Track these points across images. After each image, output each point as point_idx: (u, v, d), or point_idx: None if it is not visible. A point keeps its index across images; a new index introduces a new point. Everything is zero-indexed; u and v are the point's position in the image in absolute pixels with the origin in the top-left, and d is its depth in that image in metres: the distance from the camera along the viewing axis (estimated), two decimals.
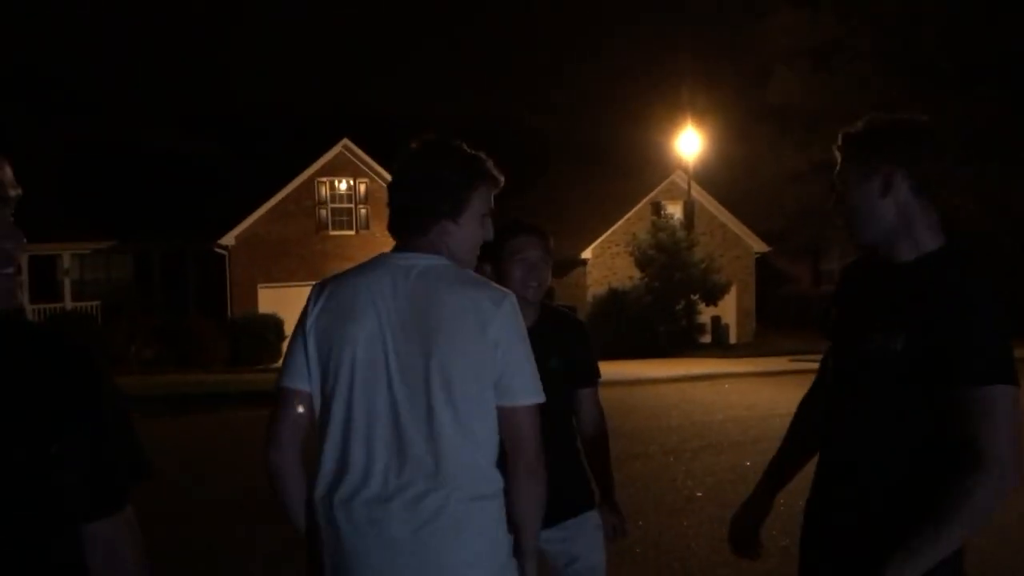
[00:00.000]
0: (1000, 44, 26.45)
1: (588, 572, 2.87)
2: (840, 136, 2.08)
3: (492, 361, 1.91)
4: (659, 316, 23.95)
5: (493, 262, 2.76)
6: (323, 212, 24.23)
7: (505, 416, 1.93)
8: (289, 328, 12.95)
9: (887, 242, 1.99)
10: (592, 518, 2.90)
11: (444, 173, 1.99)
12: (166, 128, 28.46)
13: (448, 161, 2.01)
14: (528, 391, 1.95)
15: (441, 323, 1.91)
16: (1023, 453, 1.77)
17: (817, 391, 2.28)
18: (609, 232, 26.62)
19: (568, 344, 2.88)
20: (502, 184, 2.10)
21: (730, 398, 12.71)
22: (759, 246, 29.16)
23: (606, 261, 26.43)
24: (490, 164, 2.06)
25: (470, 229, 2.03)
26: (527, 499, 1.97)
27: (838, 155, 2.08)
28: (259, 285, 23.39)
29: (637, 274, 24.76)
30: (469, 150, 2.06)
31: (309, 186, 24.08)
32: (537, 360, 2.61)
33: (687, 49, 31.01)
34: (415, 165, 2.04)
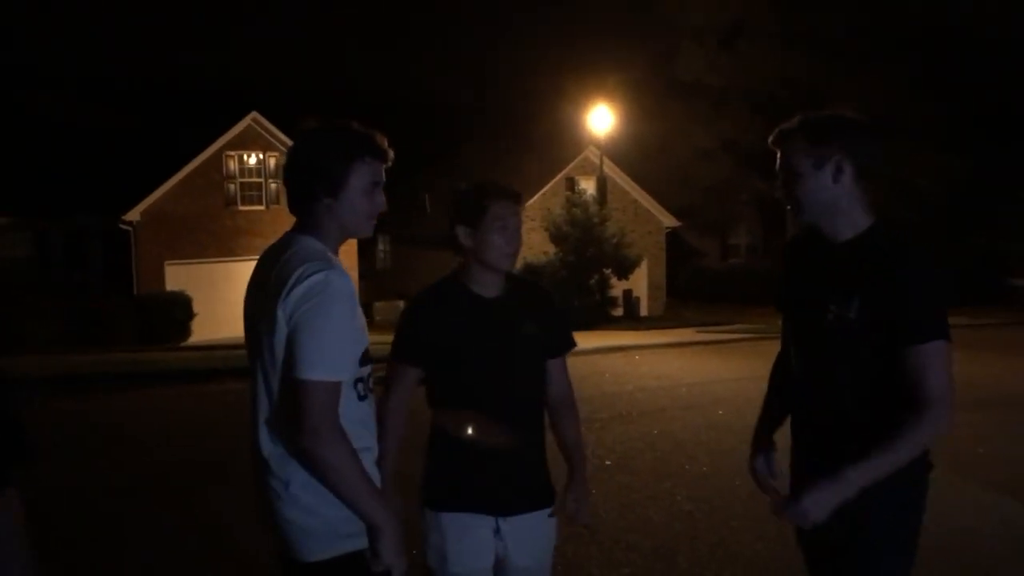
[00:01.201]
0: (903, 23, 27.35)
1: (535, 572, 2.77)
2: (779, 131, 2.32)
3: (284, 334, 2.06)
4: (573, 290, 24.26)
5: (472, 229, 2.63)
6: (232, 187, 23.72)
7: (290, 388, 2.05)
8: (198, 306, 12.83)
9: (831, 221, 2.28)
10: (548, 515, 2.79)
11: (319, 155, 2.18)
12: (67, 99, 27.37)
13: (323, 143, 2.20)
14: (306, 365, 2.01)
15: (265, 299, 2.13)
16: (954, 393, 2.16)
17: (784, 358, 2.56)
18: (524, 207, 26.78)
19: (541, 311, 2.78)
20: (390, 157, 2.25)
21: (640, 369, 13.01)
22: (669, 221, 29.75)
23: (521, 236, 26.59)
24: (374, 140, 2.22)
25: (353, 203, 2.19)
26: (316, 473, 2.06)
27: (777, 148, 2.33)
28: (166, 262, 22.81)
29: (552, 249, 25.01)
30: (351, 128, 2.21)
31: (217, 160, 23.52)
32: (512, 327, 2.68)
33: (599, 25, 31.25)
34: (295, 151, 2.23)
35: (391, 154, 2.26)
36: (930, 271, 2.19)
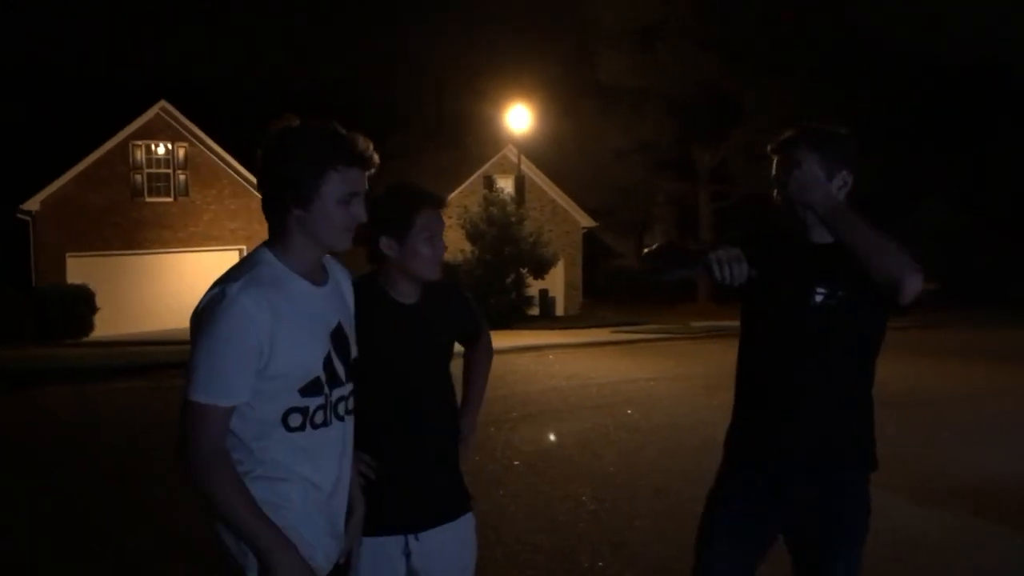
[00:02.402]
0: (814, 28, 28.08)
1: None
2: (786, 140, 2.52)
3: None
4: (489, 289, 24.24)
5: (397, 241, 2.50)
6: (139, 177, 22.93)
7: None
8: (102, 300, 12.33)
9: (820, 226, 2.47)
10: (470, 522, 2.68)
11: (287, 162, 1.98)
12: None
13: (292, 148, 1.98)
14: (188, 383, 1.92)
15: None
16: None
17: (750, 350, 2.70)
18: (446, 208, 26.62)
19: (458, 312, 2.76)
20: (373, 163, 2.06)
21: (552, 368, 13.04)
22: (587, 221, 29.99)
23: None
24: (353, 144, 2.01)
25: (327, 214, 2.00)
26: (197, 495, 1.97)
27: (779, 154, 2.53)
28: (68, 254, 21.94)
29: (468, 247, 24.94)
30: (326, 131, 2.01)
31: (124, 149, 22.71)
32: (433, 335, 2.59)
33: (519, 24, 31.32)
34: (263, 157, 2.02)
35: (375, 159, 2.06)
36: None
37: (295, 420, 2.01)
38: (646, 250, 2.67)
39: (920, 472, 6.63)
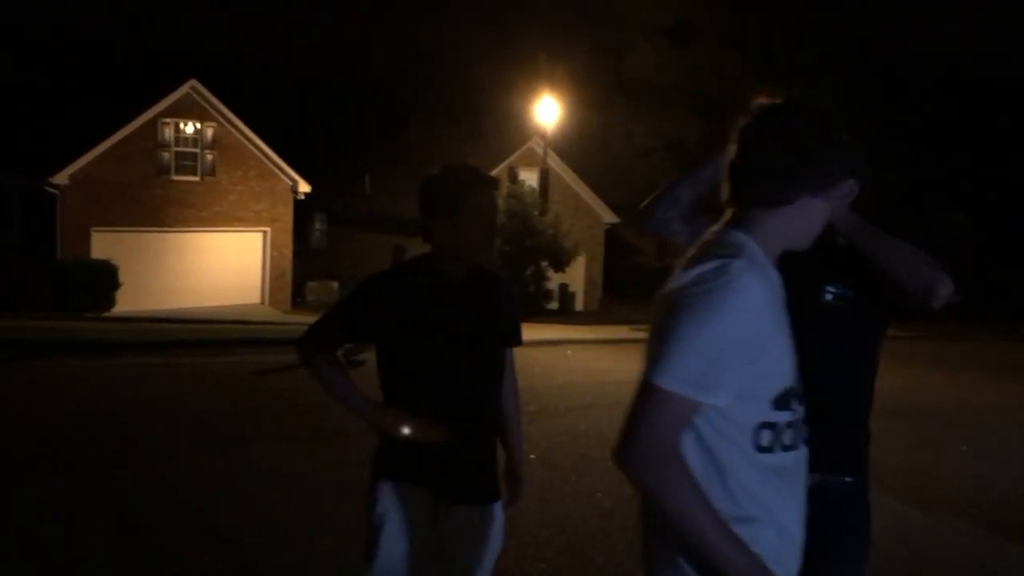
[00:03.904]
0: (843, 33, 27.94)
1: (475, 568, 2.66)
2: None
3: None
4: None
5: (449, 222, 2.53)
6: (166, 155, 23.07)
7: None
8: (124, 275, 12.25)
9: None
10: (498, 511, 2.71)
11: (816, 140, 1.73)
12: None
13: (817, 129, 1.75)
14: (651, 360, 1.63)
15: None
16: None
17: None
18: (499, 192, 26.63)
19: (503, 302, 2.76)
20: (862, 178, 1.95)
21: (571, 363, 13.04)
22: (610, 217, 29.90)
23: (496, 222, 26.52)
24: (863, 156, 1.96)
25: (819, 211, 1.78)
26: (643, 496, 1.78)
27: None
28: (93, 229, 22.10)
29: None
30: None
31: (152, 127, 22.84)
32: (474, 316, 2.60)
33: (549, 16, 31.21)
34: (779, 125, 1.75)
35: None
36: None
37: (765, 438, 1.66)
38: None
39: (934, 485, 6.59)
